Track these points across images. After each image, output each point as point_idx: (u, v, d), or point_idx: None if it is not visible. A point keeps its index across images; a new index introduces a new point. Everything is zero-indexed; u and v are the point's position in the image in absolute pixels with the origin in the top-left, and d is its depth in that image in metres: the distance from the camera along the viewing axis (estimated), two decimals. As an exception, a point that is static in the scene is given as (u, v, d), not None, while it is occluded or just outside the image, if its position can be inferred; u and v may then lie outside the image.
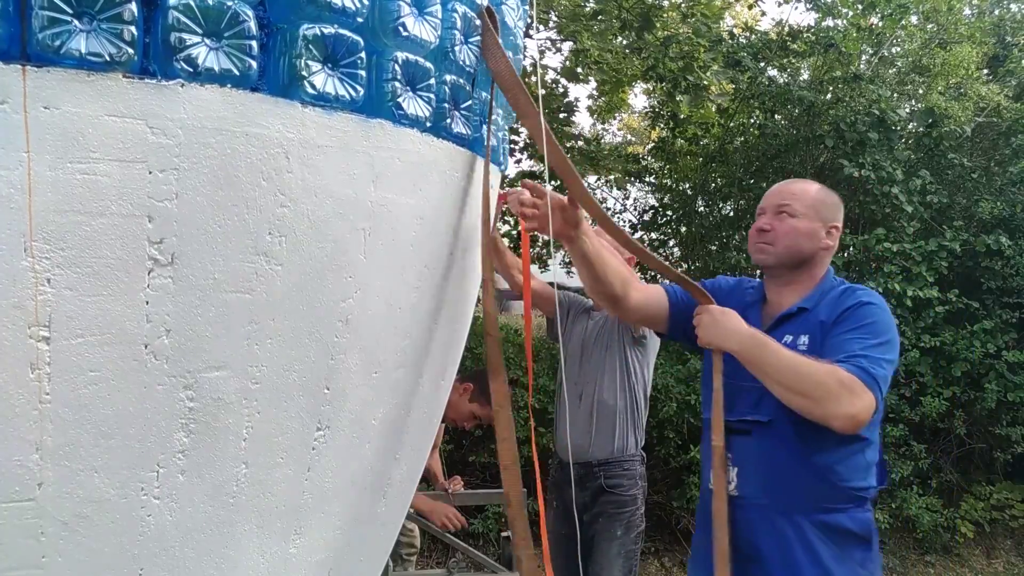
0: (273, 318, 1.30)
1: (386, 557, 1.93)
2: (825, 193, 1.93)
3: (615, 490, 2.69)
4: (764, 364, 1.71)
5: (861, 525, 1.81)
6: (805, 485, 1.79)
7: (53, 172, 1.07)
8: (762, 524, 1.83)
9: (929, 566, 5.08)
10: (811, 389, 1.64)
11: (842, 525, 1.79)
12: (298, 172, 1.26)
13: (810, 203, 1.88)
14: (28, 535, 1.16)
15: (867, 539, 1.81)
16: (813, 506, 1.79)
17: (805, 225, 1.86)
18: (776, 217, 1.88)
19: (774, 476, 1.81)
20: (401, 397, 1.60)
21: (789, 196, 1.89)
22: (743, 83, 5.95)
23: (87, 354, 1.14)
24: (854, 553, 1.79)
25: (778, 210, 1.89)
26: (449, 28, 1.47)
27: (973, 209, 5.38)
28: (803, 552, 1.78)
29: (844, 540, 1.79)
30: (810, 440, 1.76)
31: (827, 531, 1.78)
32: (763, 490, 1.83)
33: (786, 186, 1.95)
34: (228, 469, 1.31)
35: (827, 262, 1.93)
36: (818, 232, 1.87)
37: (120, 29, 1.08)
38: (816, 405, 1.65)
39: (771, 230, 1.88)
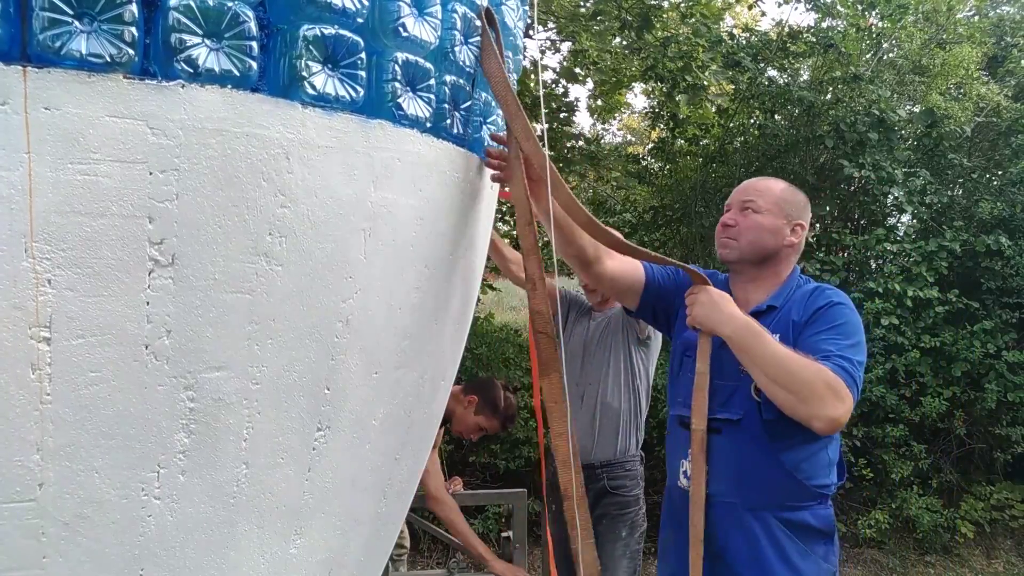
0: (274, 318, 1.30)
1: (386, 557, 1.93)
2: (791, 192, 1.93)
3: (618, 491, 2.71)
4: (756, 354, 1.69)
5: (823, 521, 1.83)
6: (773, 483, 1.81)
7: (54, 173, 1.07)
8: (731, 521, 1.83)
9: (929, 566, 5.08)
10: (799, 387, 1.64)
11: (805, 522, 1.82)
12: (298, 172, 1.26)
13: (774, 200, 1.88)
14: (29, 535, 1.16)
15: (829, 534, 1.84)
16: (779, 504, 1.81)
17: (769, 221, 1.86)
18: (741, 213, 1.89)
19: (743, 474, 1.82)
20: (401, 397, 1.60)
21: (754, 192, 1.90)
22: (743, 83, 5.95)
23: (88, 355, 1.14)
24: (817, 548, 1.82)
25: (743, 206, 1.89)
26: (449, 29, 1.47)
27: (973, 209, 5.39)
28: (771, 549, 1.81)
29: (808, 536, 1.81)
30: (778, 438, 1.78)
31: (792, 528, 1.81)
32: (733, 488, 1.83)
33: (752, 183, 1.94)
34: (229, 469, 1.31)
35: (792, 260, 1.93)
36: (782, 229, 1.87)
37: (120, 30, 1.08)
38: (801, 404, 1.64)
39: (735, 225, 1.88)
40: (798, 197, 1.93)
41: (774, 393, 1.68)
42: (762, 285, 1.91)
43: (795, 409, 1.66)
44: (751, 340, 1.70)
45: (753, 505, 1.82)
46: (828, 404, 1.63)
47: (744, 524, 1.83)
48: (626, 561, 2.67)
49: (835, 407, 1.63)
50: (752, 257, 1.89)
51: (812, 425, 1.66)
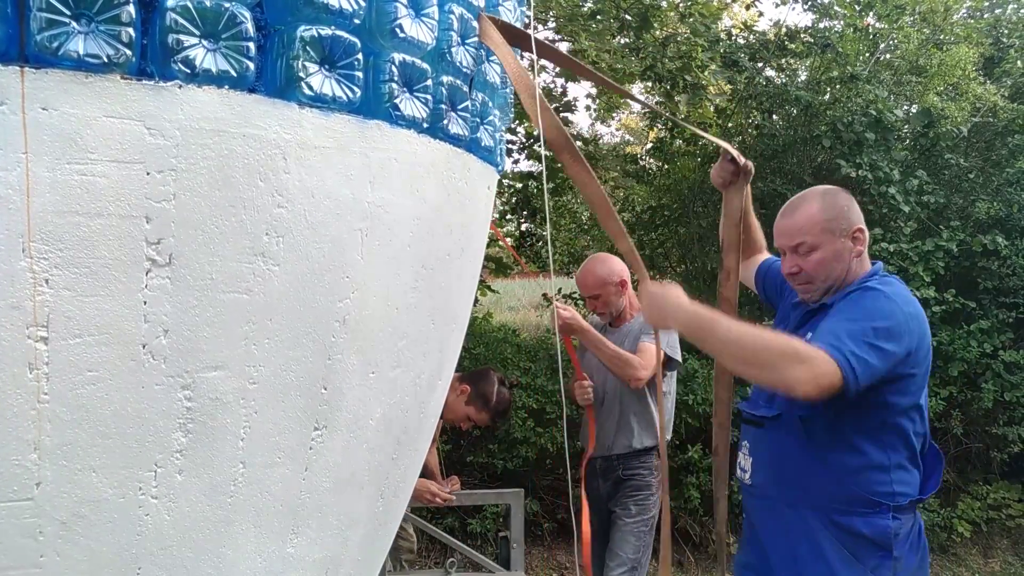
0: (271, 318, 1.30)
1: (384, 556, 1.93)
2: (829, 206, 1.83)
3: (633, 478, 2.99)
4: (711, 339, 1.66)
5: (878, 531, 1.74)
6: (815, 482, 1.76)
7: (51, 173, 1.07)
8: (769, 513, 1.86)
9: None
10: (754, 357, 1.59)
11: (855, 528, 1.74)
12: (295, 173, 1.27)
13: (821, 227, 1.81)
14: (26, 534, 1.17)
15: (885, 546, 1.73)
16: (824, 504, 1.76)
17: (829, 251, 1.80)
18: (798, 256, 1.83)
19: (783, 470, 1.82)
20: (398, 397, 1.61)
21: (799, 233, 1.82)
22: (741, 83, 5.95)
23: (85, 354, 1.14)
24: (867, 559, 1.74)
25: (795, 249, 1.83)
26: (446, 30, 1.48)
27: (970, 209, 5.39)
28: (808, 547, 1.77)
29: (857, 544, 1.74)
30: (818, 437, 1.75)
31: (838, 532, 1.75)
32: (772, 482, 1.85)
33: (792, 222, 1.85)
34: (226, 469, 1.31)
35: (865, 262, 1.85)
36: (843, 246, 1.81)
37: (118, 31, 1.08)
38: (764, 373, 1.60)
39: (800, 272, 1.83)
40: (838, 203, 1.83)
41: (742, 372, 1.68)
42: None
43: (767, 379, 1.63)
44: (703, 326, 1.67)
45: (792, 502, 1.80)
46: (795, 368, 1.54)
47: (782, 518, 1.82)
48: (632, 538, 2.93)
49: (794, 368, 1.54)
50: (835, 285, 1.82)
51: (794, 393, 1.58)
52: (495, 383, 3.15)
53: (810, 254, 1.81)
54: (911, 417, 1.76)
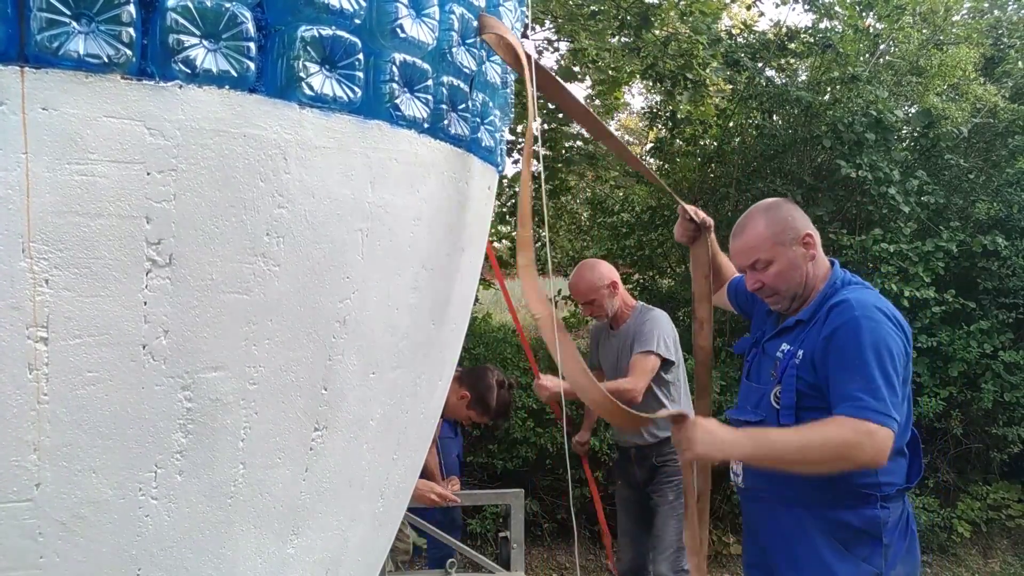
0: (271, 319, 1.30)
1: (384, 556, 1.93)
2: (773, 218, 1.92)
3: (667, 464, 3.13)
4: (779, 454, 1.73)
5: (867, 521, 1.81)
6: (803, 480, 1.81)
7: (51, 173, 1.07)
8: (767, 515, 1.93)
9: (926, 566, 5.09)
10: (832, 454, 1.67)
11: (845, 521, 1.81)
12: (296, 173, 1.27)
13: (770, 242, 1.90)
14: (26, 535, 1.16)
15: (875, 535, 1.82)
16: (813, 501, 1.83)
17: (784, 262, 1.89)
18: (757, 272, 1.93)
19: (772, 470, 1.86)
20: (399, 397, 1.60)
21: (751, 251, 1.92)
22: (741, 83, 5.95)
23: (85, 355, 1.14)
24: (859, 550, 1.81)
25: (753, 267, 1.93)
26: (447, 30, 1.48)
27: (970, 210, 5.39)
28: (804, 546, 1.84)
29: (848, 536, 1.82)
30: None
31: (829, 526, 1.82)
32: (763, 483, 1.91)
33: (741, 243, 1.95)
34: (226, 469, 1.31)
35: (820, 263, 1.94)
36: (797, 255, 1.90)
37: (118, 31, 1.08)
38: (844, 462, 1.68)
39: (764, 285, 1.93)
40: (781, 215, 1.92)
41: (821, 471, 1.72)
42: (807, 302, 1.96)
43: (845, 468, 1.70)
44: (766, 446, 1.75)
45: (784, 501, 1.88)
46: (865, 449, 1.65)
47: (776, 517, 1.90)
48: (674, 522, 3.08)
49: (871, 445, 1.64)
50: (800, 294, 1.93)
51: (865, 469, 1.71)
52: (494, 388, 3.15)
53: (767, 268, 1.91)
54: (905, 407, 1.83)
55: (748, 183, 5.74)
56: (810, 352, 1.83)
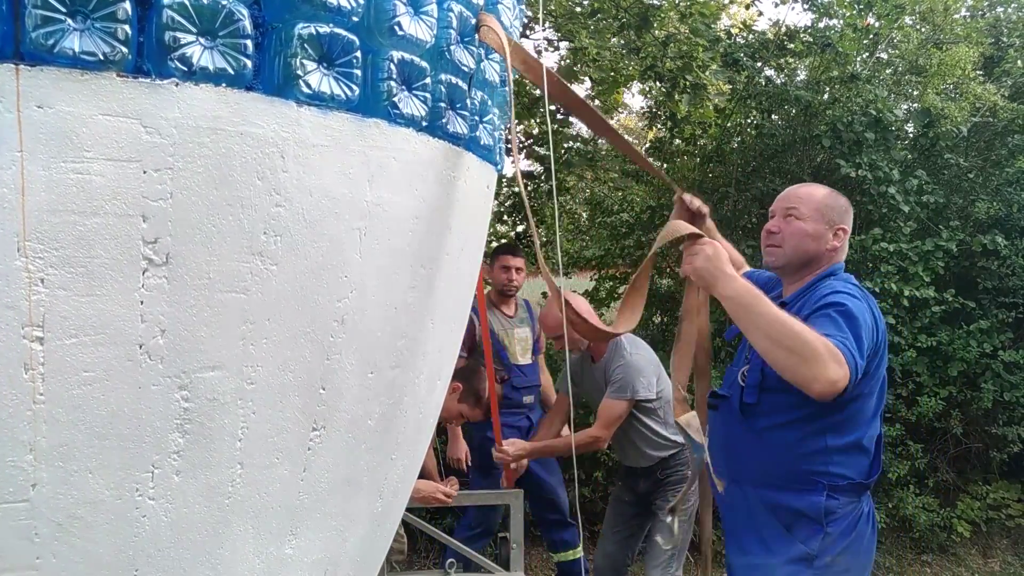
0: (268, 318, 1.29)
1: (383, 557, 1.92)
2: (833, 197, 1.98)
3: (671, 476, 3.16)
4: (756, 314, 1.70)
5: (810, 507, 1.83)
6: (754, 460, 1.89)
7: (47, 171, 1.07)
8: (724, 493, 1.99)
9: (926, 565, 5.09)
10: (801, 347, 1.63)
11: (789, 504, 1.84)
12: (293, 171, 1.26)
13: (816, 206, 1.94)
14: (22, 536, 1.16)
15: (817, 521, 1.83)
16: (761, 480, 1.88)
17: (811, 227, 1.92)
18: (784, 220, 1.96)
19: (729, 449, 1.95)
20: (397, 397, 1.60)
21: (796, 200, 1.96)
22: (740, 83, 5.95)
23: (81, 354, 1.13)
24: (799, 532, 1.84)
25: (786, 213, 1.96)
26: (445, 27, 1.47)
27: (969, 209, 5.39)
28: (745, 520, 1.91)
29: (790, 519, 1.85)
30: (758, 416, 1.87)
31: (774, 508, 1.86)
32: (722, 461, 1.96)
33: (794, 190, 2.01)
34: (223, 469, 1.31)
35: (834, 261, 1.97)
36: (824, 234, 1.93)
37: (114, 28, 1.07)
38: (803, 364, 1.64)
39: (779, 232, 1.96)
40: (839, 202, 1.99)
41: (775, 354, 1.67)
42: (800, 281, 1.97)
43: (796, 370, 1.65)
44: (751, 300, 1.71)
45: (737, 478, 1.94)
46: (829, 366, 1.62)
47: (732, 495, 1.96)
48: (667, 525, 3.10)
49: (835, 370, 1.62)
50: (796, 262, 1.94)
51: (811, 388, 1.64)
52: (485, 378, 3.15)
53: (795, 222, 1.94)
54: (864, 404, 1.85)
55: (747, 183, 5.74)
56: None
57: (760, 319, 1.69)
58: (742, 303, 1.73)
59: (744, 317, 1.73)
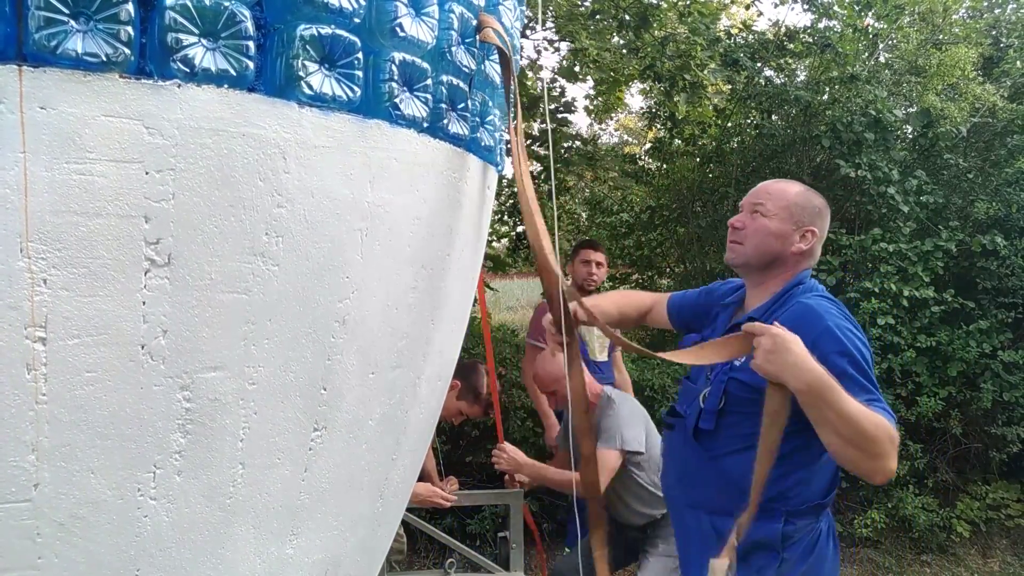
0: (270, 318, 1.30)
1: (383, 557, 1.93)
2: (805, 196, 1.83)
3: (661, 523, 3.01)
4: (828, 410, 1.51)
5: (767, 535, 1.71)
6: (708, 485, 1.77)
7: (49, 172, 1.07)
8: (677, 515, 1.92)
9: (925, 565, 5.10)
10: (870, 445, 1.51)
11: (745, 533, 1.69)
12: (295, 172, 1.26)
13: (784, 204, 1.80)
14: (24, 536, 1.16)
15: (773, 548, 1.72)
16: (717, 508, 1.75)
17: (776, 226, 1.79)
18: (750, 216, 1.83)
19: (683, 472, 1.85)
20: (398, 397, 1.60)
21: (764, 195, 1.83)
22: (740, 83, 5.95)
23: (83, 355, 1.14)
24: (754, 560, 1.72)
25: (752, 209, 1.83)
26: (446, 29, 1.47)
27: (969, 209, 5.39)
28: (699, 547, 1.78)
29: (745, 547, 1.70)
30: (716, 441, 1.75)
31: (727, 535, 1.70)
32: (676, 482, 1.89)
33: (766, 185, 1.87)
34: (225, 470, 1.31)
35: (801, 266, 1.82)
36: (790, 235, 1.79)
37: (116, 29, 1.07)
38: (869, 460, 1.53)
39: (743, 228, 1.83)
40: (813, 202, 1.84)
41: (843, 453, 1.55)
42: (764, 292, 1.83)
43: (859, 464, 1.54)
44: (828, 395, 1.51)
45: (691, 503, 1.83)
46: (892, 459, 1.53)
47: (684, 519, 1.87)
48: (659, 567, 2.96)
49: (894, 460, 1.53)
50: (757, 262, 1.81)
51: (872, 479, 1.56)
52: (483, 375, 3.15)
53: (759, 219, 1.81)
54: None
55: (747, 183, 5.73)
56: None
57: (831, 414, 1.51)
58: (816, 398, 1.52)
59: (815, 414, 1.54)
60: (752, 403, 1.65)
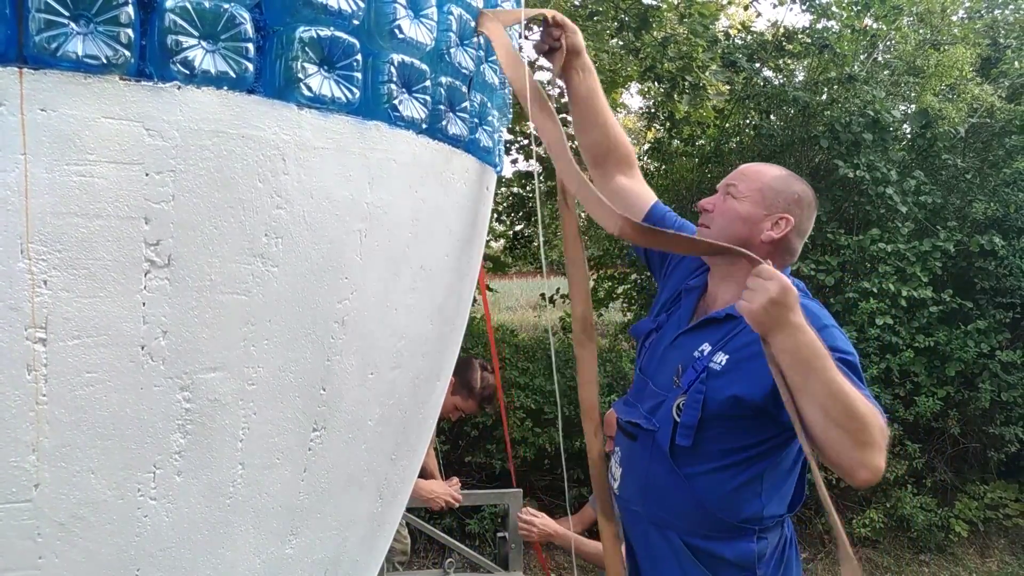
0: (269, 319, 1.30)
1: (383, 557, 1.93)
2: (784, 181, 1.65)
3: None
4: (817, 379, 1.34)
5: (741, 555, 1.61)
6: (679, 506, 1.63)
7: (50, 174, 1.07)
8: (638, 530, 1.74)
9: (924, 565, 5.11)
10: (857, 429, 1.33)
11: (716, 552, 1.62)
12: (294, 174, 1.27)
13: (758, 186, 1.62)
14: (25, 536, 1.16)
15: (748, 567, 1.62)
16: (688, 529, 1.63)
17: (745, 209, 1.61)
18: (721, 197, 1.67)
19: (649, 488, 1.67)
20: (397, 398, 1.61)
21: (739, 176, 1.67)
22: (739, 84, 5.96)
23: (84, 355, 1.14)
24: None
25: (725, 190, 1.67)
26: (445, 30, 1.48)
27: (967, 209, 5.41)
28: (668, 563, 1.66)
29: (716, 566, 1.63)
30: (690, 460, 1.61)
31: (701, 556, 1.63)
32: (639, 497, 1.70)
33: (745, 166, 1.71)
34: (225, 470, 1.31)
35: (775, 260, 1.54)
36: (759, 220, 1.60)
37: (117, 31, 1.08)
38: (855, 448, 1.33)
39: (711, 210, 1.66)
40: (792, 187, 1.65)
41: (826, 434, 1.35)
42: (731, 284, 1.63)
43: (843, 453, 1.35)
44: (814, 360, 1.34)
45: (657, 521, 1.67)
46: (881, 453, 1.35)
47: (648, 537, 1.70)
48: None
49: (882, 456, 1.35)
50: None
51: (855, 474, 1.36)
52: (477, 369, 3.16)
53: (729, 200, 1.64)
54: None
55: (746, 183, 5.75)
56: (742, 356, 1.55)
57: (819, 387, 1.33)
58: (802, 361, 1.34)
59: (799, 380, 1.36)
60: (733, 419, 1.54)
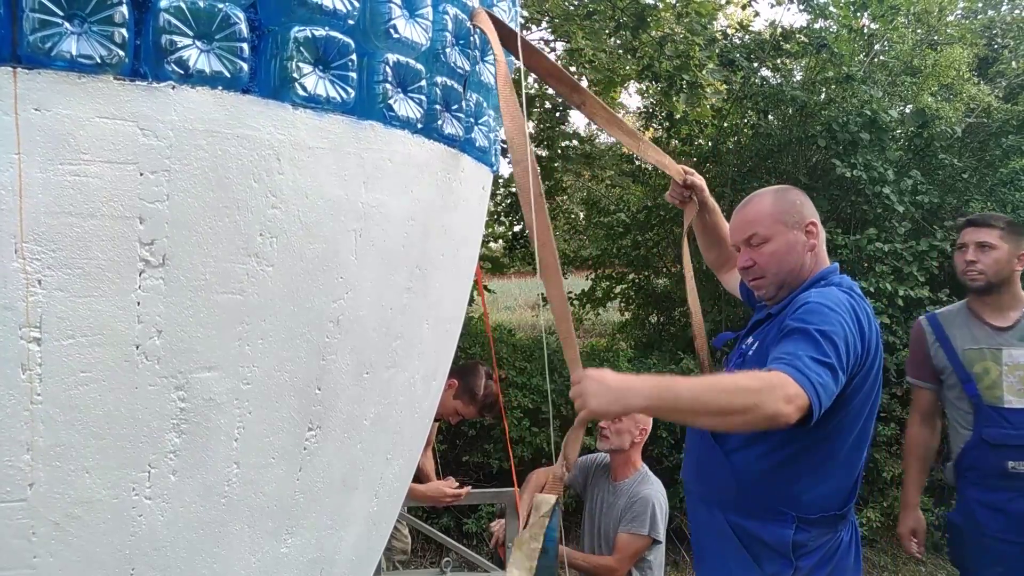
0: (264, 319, 1.30)
1: (378, 556, 1.93)
2: (781, 199, 1.80)
3: None
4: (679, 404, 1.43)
5: (777, 540, 1.68)
6: (721, 482, 1.76)
7: (44, 174, 1.07)
8: (692, 507, 1.92)
9: (920, 564, 5.11)
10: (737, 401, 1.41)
11: (755, 533, 1.71)
12: (289, 173, 1.27)
13: (770, 219, 1.77)
14: (19, 535, 1.17)
15: (785, 555, 1.68)
16: (730, 505, 1.75)
17: (781, 243, 1.76)
18: (752, 250, 1.79)
19: (700, 466, 1.86)
20: (392, 397, 1.61)
21: (748, 225, 1.79)
22: (736, 83, 5.97)
23: (78, 355, 1.14)
24: (765, 565, 1.70)
25: (748, 241, 1.80)
26: (440, 30, 1.48)
27: (964, 209, 5.41)
28: (715, 544, 1.79)
29: (756, 548, 1.71)
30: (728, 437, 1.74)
31: (742, 535, 1.73)
32: (694, 477, 1.90)
33: (743, 215, 1.82)
34: (219, 469, 1.31)
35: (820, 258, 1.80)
36: (797, 239, 1.76)
37: (111, 31, 1.08)
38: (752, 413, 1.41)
39: (754, 264, 1.79)
40: (789, 197, 1.80)
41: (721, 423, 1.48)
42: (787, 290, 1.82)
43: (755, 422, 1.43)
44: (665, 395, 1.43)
45: (706, 497, 1.83)
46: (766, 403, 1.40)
47: (699, 513, 1.87)
48: None
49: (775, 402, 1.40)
50: (789, 282, 1.77)
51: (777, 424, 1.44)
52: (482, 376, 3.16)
53: (762, 246, 1.77)
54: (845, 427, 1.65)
55: (743, 183, 5.75)
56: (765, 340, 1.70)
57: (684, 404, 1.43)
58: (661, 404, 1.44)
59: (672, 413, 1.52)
60: None
